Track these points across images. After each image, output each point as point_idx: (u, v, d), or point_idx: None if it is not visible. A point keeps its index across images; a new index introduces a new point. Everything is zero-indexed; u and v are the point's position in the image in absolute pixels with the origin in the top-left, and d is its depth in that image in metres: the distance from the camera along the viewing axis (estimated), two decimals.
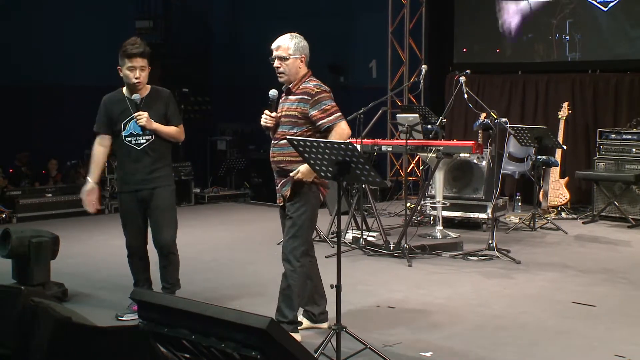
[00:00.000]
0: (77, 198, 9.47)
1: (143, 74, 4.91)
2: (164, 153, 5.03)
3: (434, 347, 4.57)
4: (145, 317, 2.72)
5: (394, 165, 11.29)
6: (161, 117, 4.97)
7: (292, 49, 4.39)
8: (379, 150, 8.00)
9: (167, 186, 5.02)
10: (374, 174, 3.99)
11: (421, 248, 7.09)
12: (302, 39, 4.47)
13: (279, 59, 4.40)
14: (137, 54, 4.87)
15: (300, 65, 4.43)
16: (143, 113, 4.86)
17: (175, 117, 5.04)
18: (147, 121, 4.87)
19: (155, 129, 4.92)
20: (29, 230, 5.84)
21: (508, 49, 10.56)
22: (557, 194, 9.21)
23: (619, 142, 8.90)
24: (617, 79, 9.59)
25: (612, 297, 5.72)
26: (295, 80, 4.45)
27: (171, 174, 5.12)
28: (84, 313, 3.52)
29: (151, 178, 4.95)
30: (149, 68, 4.96)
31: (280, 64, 4.40)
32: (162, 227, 4.98)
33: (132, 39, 4.99)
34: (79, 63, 10.82)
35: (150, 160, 4.95)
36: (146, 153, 4.95)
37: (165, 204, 4.99)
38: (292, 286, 4.47)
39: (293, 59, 4.40)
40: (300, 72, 4.45)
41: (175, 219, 5.07)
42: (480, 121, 8.61)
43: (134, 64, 4.87)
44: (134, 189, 4.99)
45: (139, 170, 4.96)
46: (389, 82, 11.10)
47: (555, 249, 7.47)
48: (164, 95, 5.06)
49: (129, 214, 5.05)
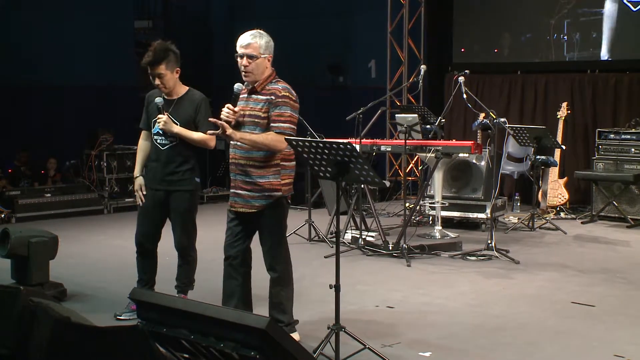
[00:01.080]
0: (76, 198, 9.61)
1: (163, 80, 4.88)
2: (188, 157, 4.97)
3: (433, 347, 4.57)
4: (144, 317, 2.73)
5: (393, 165, 11.30)
6: (189, 122, 4.91)
7: (263, 47, 4.27)
8: (378, 150, 8.00)
9: (186, 191, 4.98)
10: (373, 174, 3.99)
11: (420, 248, 7.09)
12: (270, 38, 4.36)
13: (249, 57, 4.25)
14: (146, 64, 4.89)
15: (267, 65, 4.32)
16: (162, 117, 4.83)
17: (204, 124, 4.86)
18: (165, 125, 4.83)
19: (177, 133, 4.87)
20: (28, 230, 5.85)
21: (506, 48, 10.57)
22: (556, 194, 9.22)
23: (618, 142, 8.91)
24: (616, 79, 9.60)
25: (611, 297, 5.72)
26: (261, 79, 4.32)
27: (193, 178, 5.03)
28: (83, 313, 3.53)
29: (170, 180, 4.95)
30: (173, 71, 4.91)
31: (249, 63, 4.25)
32: (177, 231, 5.04)
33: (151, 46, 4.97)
34: (79, 63, 10.81)
35: (171, 162, 4.94)
36: (168, 154, 4.94)
37: (181, 208, 4.99)
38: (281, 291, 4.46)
39: (262, 59, 4.27)
40: (266, 72, 4.34)
41: (191, 223, 5.07)
42: (479, 121, 8.62)
43: (150, 72, 4.90)
44: (153, 188, 5.01)
45: (159, 170, 4.98)
46: (388, 82, 11.11)
47: (554, 249, 7.47)
48: (195, 99, 4.98)
49: (145, 210, 5.07)
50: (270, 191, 4.31)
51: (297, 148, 4.05)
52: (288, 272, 4.53)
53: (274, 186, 4.31)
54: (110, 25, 11.03)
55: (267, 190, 4.30)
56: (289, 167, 4.38)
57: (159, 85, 4.92)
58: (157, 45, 4.94)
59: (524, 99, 10.32)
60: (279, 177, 4.32)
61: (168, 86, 4.92)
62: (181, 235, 5.05)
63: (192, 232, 5.11)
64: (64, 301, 5.42)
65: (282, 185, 4.34)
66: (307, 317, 5.11)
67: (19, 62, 10.41)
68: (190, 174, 5.02)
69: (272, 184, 4.30)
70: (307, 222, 7.68)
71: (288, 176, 4.38)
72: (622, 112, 9.48)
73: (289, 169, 4.39)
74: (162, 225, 5.10)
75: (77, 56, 10.79)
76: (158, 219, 5.06)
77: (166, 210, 5.02)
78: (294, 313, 4.61)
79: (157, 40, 5.04)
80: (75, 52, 10.79)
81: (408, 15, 11.04)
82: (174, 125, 4.87)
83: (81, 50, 10.83)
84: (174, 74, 4.94)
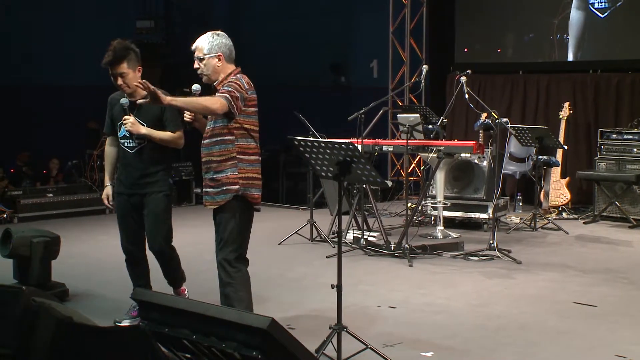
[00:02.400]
0: (78, 198, 9.62)
1: (125, 79, 4.74)
2: (158, 158, 4.86)
3: (435, 347, 4.57)
4: (146, 317, 2.73)
5: (395, 166, 11.29)
6: (156, 122, 4.80)
7: (206, 48, 4.24)
8: (380, 150, 8.00)
9: (159, 192, 4.86)
10: (375, 174, 3.99)
11: (422, 248, 7.08)
12: (219, 37, 4.27)
13: (197, 59, 4.28)
14: (106, 63, 4.74)
15: (218, 64, 4.25)
16: (129, 118, 4.71)
17: (172, 122, 4.79)
18: (132, 127, 4.71)
19: (144, 134, 4.75)
20: (30, 230, 5.85)
21: (509, 48, 10.56)
22: (558, 194, 9.21)
23: (620, 142, 8.90)
24: (618, 79, 9.59)
25: (613, 297, 5.72)
26: (219, 79, 4.27)
27: (166, 179, 4.92)
28: (85, 313, 3.52)
29: (142, 183, 4.85)
30: (135, 70, 4.77)
31: (198, 65, 4.28)
32: (151, 234, 4.91)
33: (110, 45, 4.81)
34: (81, 63, 10.81)
35: (142, 165, 4.83)
36: (138, 157, 4.83)
37: (156, 210, 4.86)
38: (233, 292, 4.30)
39: (208, 58, 4.24)
40: (221, 70, 4.26)
41: (166, 225, 4.92)
42: (481, 121, 8.61)
43: (111, 72, 4.76)
44: (127, 193, 4.92)
45: (131, 174, 4.88)
46: (389, 82, 11.10)
47: (556, 249, 7.46)
48: None
49: (123, 217, 4.99)
50: (227, 185, 4.20)
51: (299, 147, 4.04)
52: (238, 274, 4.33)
53: (230, 179, 4.19)
54: (112, 25, 11.04)
55: (225, 184, 4.20)
56: (246, 160, 4.22)
57: (121, 86, 4.78)
58: (117, 44, 4.79)
59: (526, 98, 10.32)
60: (236, 170, 4.19)
61: (131, 85, 4.75)
62: (157, 239, 4.89)
63: (169, 233, 4.96)
64: (66, 301, 5.43)
65: (240, 178, 4.20)
66: (309, 317, 5.11)
67: (21, 62, 10.43)
68: (162, 175, 4.89)
69: (228, 177, 4.19)
70: (309, 222, 7.68)
71: (247, 170, 4.22)
72: (624, 112, 9.47)
73: (247, 163, 4.22)
74: (143, 230, 4.97)
75: (79, 56, 10.79)
76: (139, 224, 4.94)
77: (142, 213, 4.91)
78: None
79: (115, 40, 4.87)
80: (77, 52, 10.79)
81: (410, 15, 11.03)
82: (140, 127, 4.74)
83: (83, 50, 10.83)
84: (136, 72, 4.78)
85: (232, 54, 4.29)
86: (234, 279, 4.25)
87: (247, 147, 4.23)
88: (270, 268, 6.50)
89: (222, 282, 4.28)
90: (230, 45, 4.29)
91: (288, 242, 7.62)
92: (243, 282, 4.31)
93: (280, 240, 7.64)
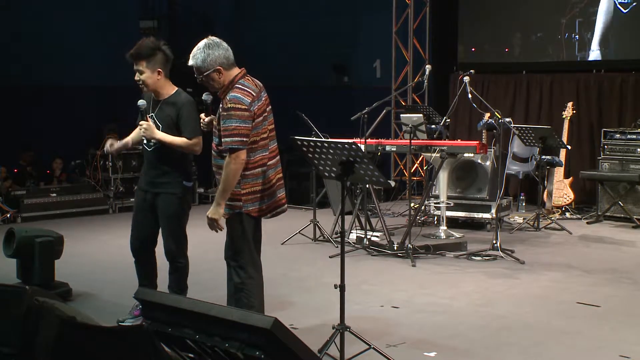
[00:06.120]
0: (81, 198, 9.63)
1: (143, 77, 4.72)
2: (174, 160, 4.81)
3: (438, 347, 4.57)
4: (149, 316, 2.73)
5: (398, 165, 11.28)
6: (170, 125, 4.76)
7: (202, 67, 4.10)
8: (383, 150, 8.00)
9: (171, 194, 4.82)
10: (378, 173, 3.99)
11: (425, 248, 7.08)
12: (211, 50, 4.08)
13: (198, 78, 4.17)
14: (129, 56, 4.75)
15: (218, 77, 4.11)
16: (144, 123, 4.70)
17: (187, 127, 4.72)
18: (146, 132, 4.69)
19: (159, 139, 4.72)
20: (34, 230, 5.86)
21: (517, 47, 10.54)
22: (561, 194, 9.20)
23: (624, 142, 8.88)
24: (621, 79, 9.57)
25: (617, 297, 5.71)
26: (222, 89, 4.15)
27: (180, 182, 4.84)
28: (89, 312, 3.53)
29: (156, 182, 4.85)
30: (154, 71, 4.73)
31: (200, 80, 4.17)
32: (165, 236, 4.91)
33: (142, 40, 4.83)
34: (84, 63, 10.82)
35: (158, 164, 4.83)
36: (155, 155, 4.83)
37: (168, 212, 4.84)
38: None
39: (208, 74, 4.11)
40: (224, 79, 4.13)
41: (179, 228, 4.90)
42: (485, 121, 8.59)
43: (135, 68, 4.76)
44: (144, 189, 4.93)
45: (147, 172, 4.92)
46: (393, 82, 11.09)
47: (559, 249, 7.46)
48: (178, 102, 4.79)
49: (137, 211, 5.00)
50: (231, 200, 4.15)
51: (302, 148, 4.04)
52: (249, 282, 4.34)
53: (234, 195, 4.14)
54: (115, 25, 11.04)
55: (230, 199, 4.15)
56: (250, 175, 4.14)
57: (138, 82, 4.77)
58: (147, 41, 4.79)
59: (529, 98, 10.30)
60: (240, 186, 4.13)
61: (146, 84, 4.75)
62: (169, 241, 4.88)
63: (180, 238, 4.91)
64: (70, 301, 5.44)
65: (242, 195, 4.14)
66: (312, 317, 5.11)
67: (23, 62, 10.43)
68: (177, 177, 4.83)
69: (233, 193, 4.14)
70: (312, 222, 7.68)
71: (251, 185, 4.15)
72: (627, 112, 9.45)
73: (251, 177, 4.14)
74: (156, 228, 4.95)
75: (82, 56, 10.80)
76: (151, 222, 4.92)
77: (157, 213, 4.90)
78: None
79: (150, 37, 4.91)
80: (80, 52, 10.80)
81: (413, 15, 11.02)
82: (155, 132, 4.70)
83: (86, 50, 10.85)
84: (154, 74, 4.73)
85: (230, 59, 4.13)
86: (245, 285, 4.25)
87: (252, 162, 4.14)
88: (273, 268, 6.49)
89: (234, 287, 4.29)
90: (225, 53, 4.11)
91: (291, 242, 7.62)
92: (255, 289, 4.28)
93: (283, 240, 7.64)
